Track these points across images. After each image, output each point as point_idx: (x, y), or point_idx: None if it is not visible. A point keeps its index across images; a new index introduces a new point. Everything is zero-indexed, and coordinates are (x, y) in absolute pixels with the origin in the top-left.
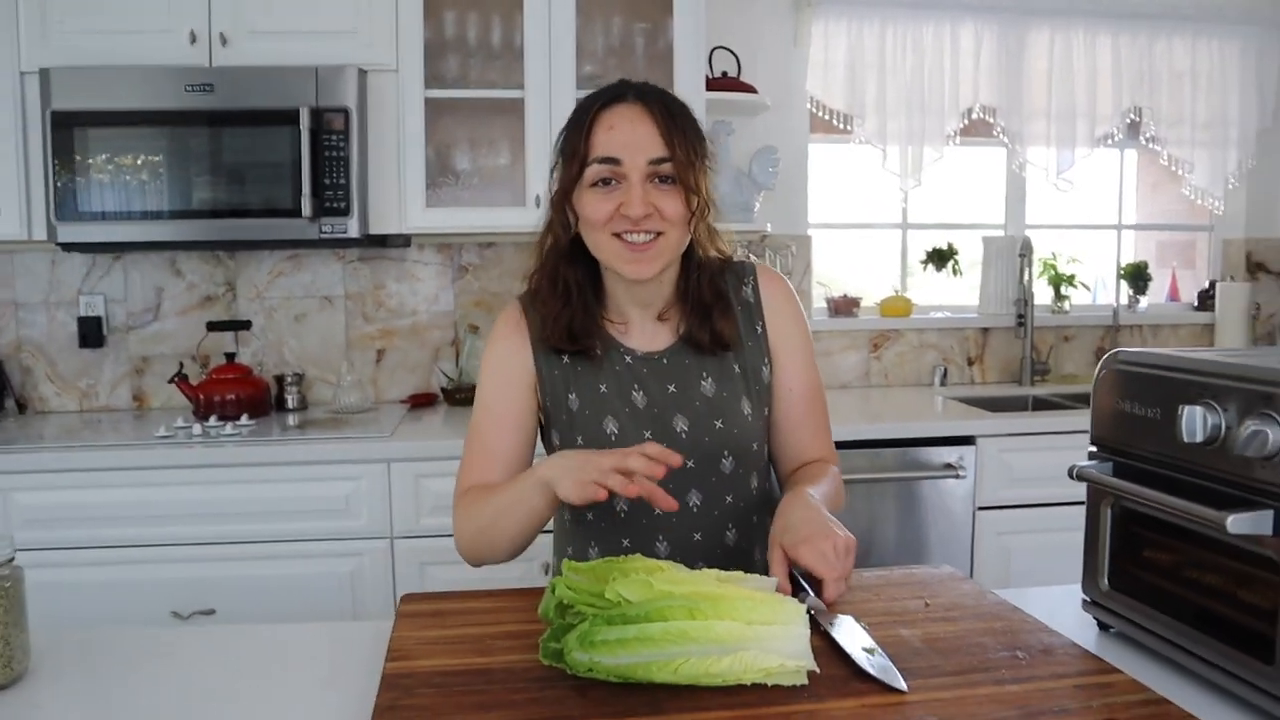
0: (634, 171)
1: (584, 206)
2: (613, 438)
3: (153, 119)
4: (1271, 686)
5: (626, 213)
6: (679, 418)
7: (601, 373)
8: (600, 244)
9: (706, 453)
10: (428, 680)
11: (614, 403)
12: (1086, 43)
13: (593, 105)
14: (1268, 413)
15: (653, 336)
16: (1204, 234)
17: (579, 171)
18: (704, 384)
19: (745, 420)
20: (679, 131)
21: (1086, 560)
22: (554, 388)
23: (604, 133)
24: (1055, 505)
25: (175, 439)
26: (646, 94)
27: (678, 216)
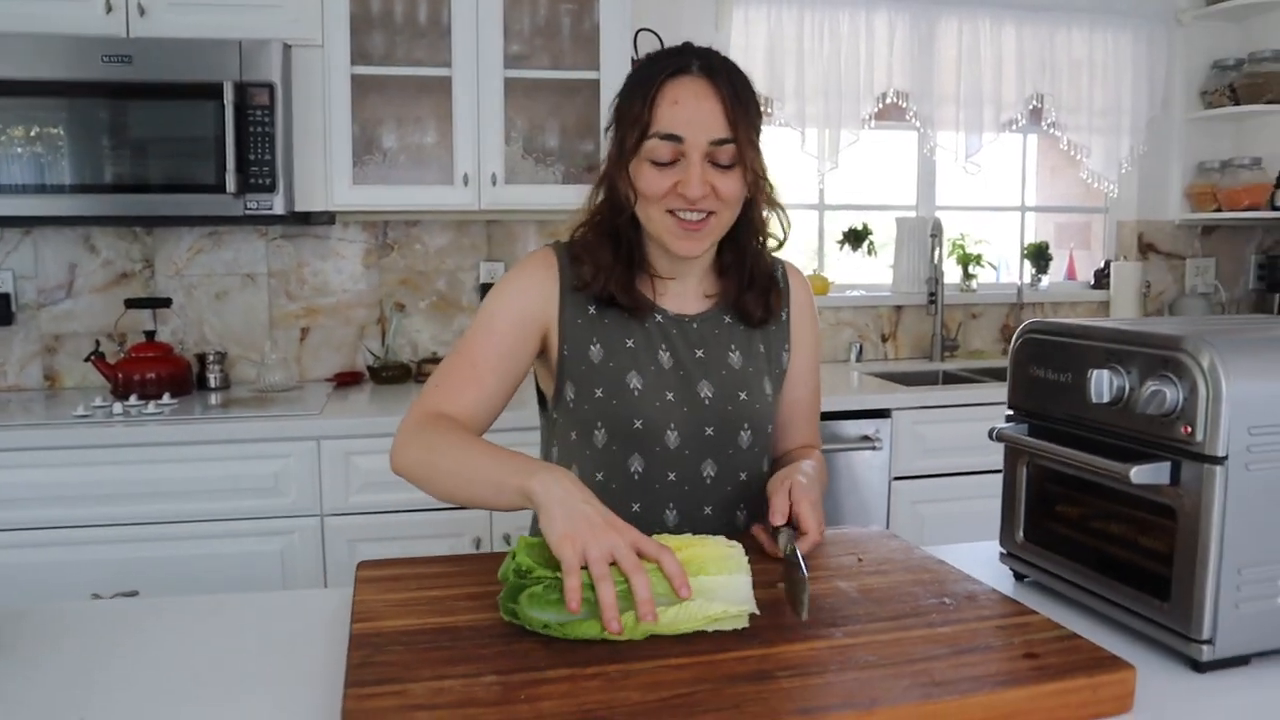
0: (695, 151)
1: (640, 178)
2: (635, 393)
3: (66, 90)
4: (1167, 620)
5: (684, 192)
6: (704, 383)
7: (630, 327)
8: (652, 217)
9: (727, 422)
10: (395, 639)
11: (640, 358)
12: (992, 32)
13: (659, 74)
14: (1166, 374)
15: (685, 300)
16: (1099, 216)
17: (638, 142)
18: (731, 355)
19: (766, 398)
20: (742, 111)
21: (1004, 516)
22: (576, 336)
23: (668, 107)
24: (965, 474)
25: (94, 418)
26: (713, 68)
27: (733, 197)
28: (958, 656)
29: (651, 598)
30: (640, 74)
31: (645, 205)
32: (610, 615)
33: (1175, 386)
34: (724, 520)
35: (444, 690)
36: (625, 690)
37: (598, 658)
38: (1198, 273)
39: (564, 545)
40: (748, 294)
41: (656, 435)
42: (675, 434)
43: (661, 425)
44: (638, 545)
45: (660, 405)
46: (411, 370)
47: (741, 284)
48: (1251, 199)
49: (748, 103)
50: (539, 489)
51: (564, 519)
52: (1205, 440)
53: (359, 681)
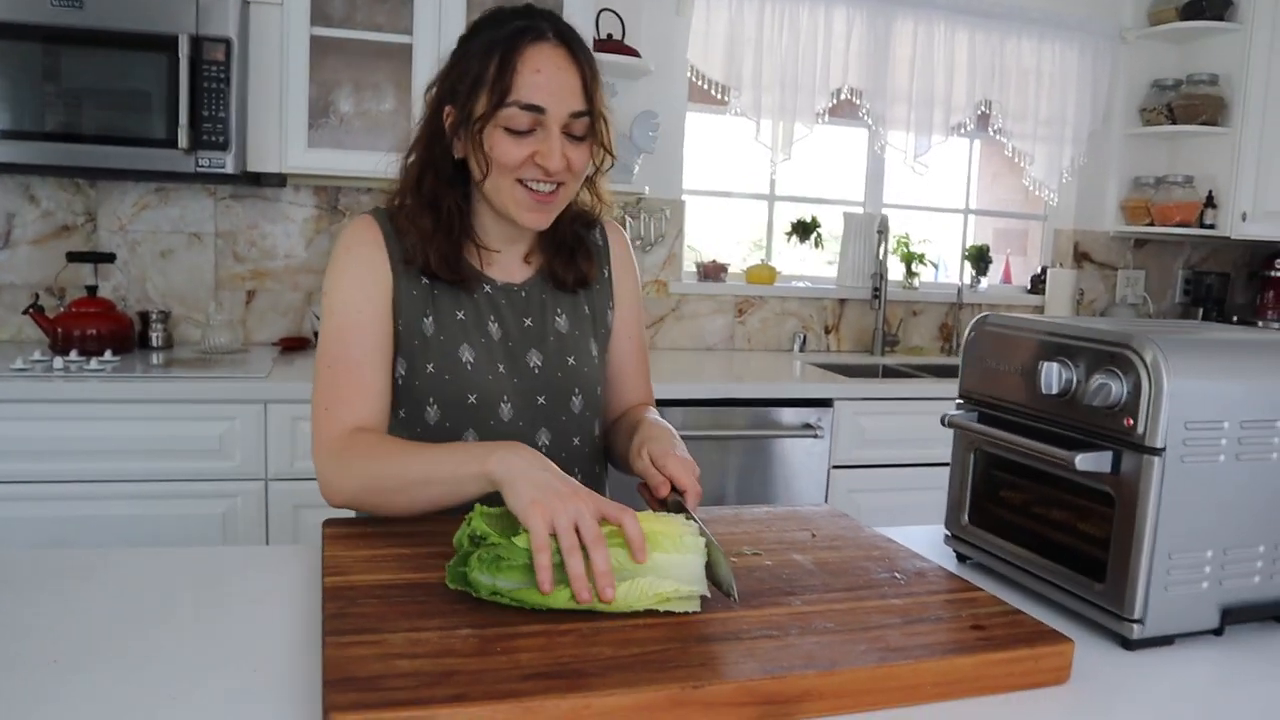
0: (555, 123)
1: (494, 147)
2: (468, 366)
3: (11, 32)
4: (1102, 601)
5: (544, 163)
6: (533, 352)
7: (460, 299)
8: (501, 187)
9: (558, 390)
10: (369, 593)
11: (470, 332)
12: (946, 35)
13: (517, 39)
14: (1112, 369)
15: (511, 269)
16: (1037, 223)
17: (494, 108)
18: (558, 320)
19: (593, 360)
20: (596, 83)
21: (950, 499)
22: (410, 308)
23: (530, 74)
24: (902, 466)
25: (33, 373)
26: (569, 37)
27: (582, 169)
28: (909, 626)
29: (610, 571)
30: (490, 34)
31: (496, 175)
32: (580, 586)
33: (1120, 381)
34: None
35: (421, 641)
36: (598, 646)
37: (570, 616)
38: (1128, 283)
39: (532, 513)
40: (556, 259)
41: (490, 408)
42: (509, 406)
43: (495, 398)
44: (601, 510)
45: (493, 378)
46: None
47: (552, 250)
48: (1182, 216)
49: (598, 75)
50: (498, 467)
51: (529, 488)
52: (1145, 432)
53: (337, 630)
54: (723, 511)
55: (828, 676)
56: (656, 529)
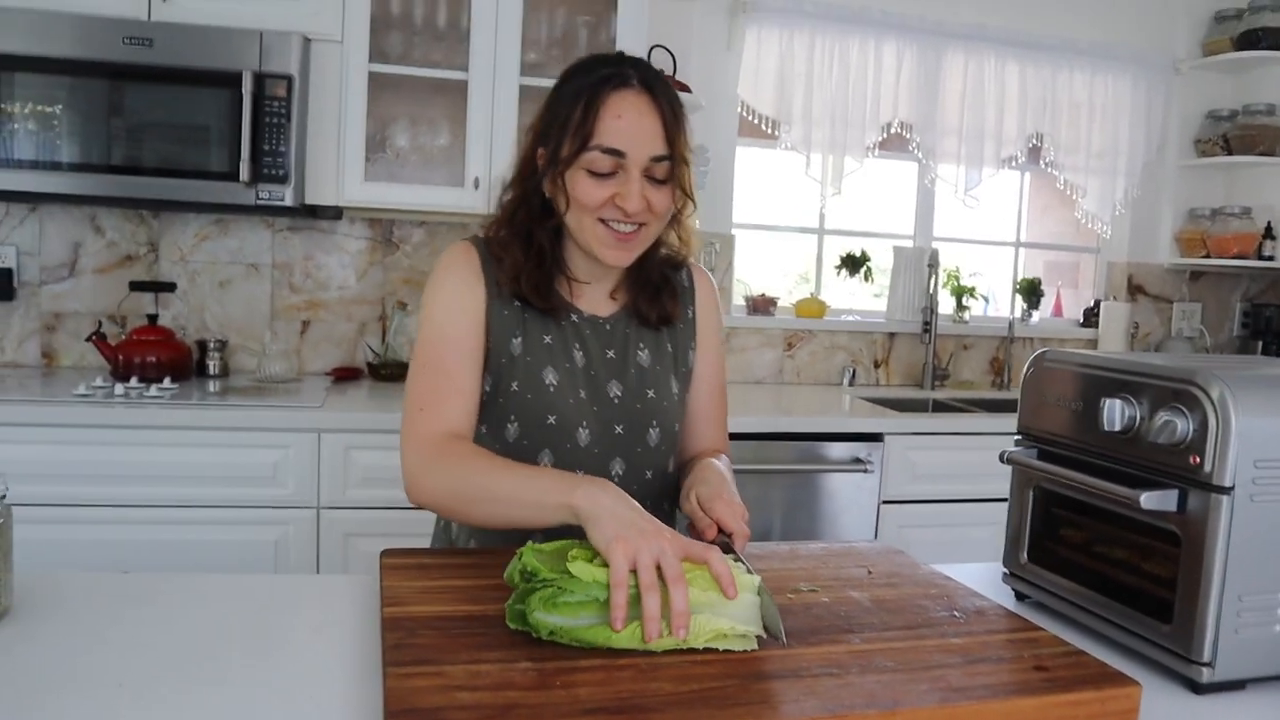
0: (635, 166)
1: (576, 187)
2: (550, 388)
3: (86, 69)
4: (1169, 643)
5: (623, 205)
6: (614, 382)
7: (548, 326)
8: (584, 225)
9: (636, 421)
10: (427, 624)
11: (556, 356)
12: (997, 69)
13: (602, 86)
14: (1178, 406)
15: (599, 303)
16: (1089, 256)
17: (577, 151)
18: (640, 354)
19: (672, 396)
20: (678, 128)
21: (1009, 537)
22: (501, 329)
23: (611, 120)
24: (953, 502)
25: (94, 398)
26: (653, 84)
27: (665, 211)
28: (971, 665)
29: (688, 610)
30: (579, 81)
31: (578, 213)
32: (652, 625)
33: (1186, 418)
34: None
35: (481, 674)
36: (657, 681)
37: (628, 651)
38: (1184, 316)
39: (614, 549)
40: (641, 296)
41: (568, 431)
42: (586, 431)
43: (574, 422)
44: (685, 549)
45: (574, 403)
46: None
47: (638, 286)
48: (1240, 247)
49: (682, 120)
50: (584, 502)
51: (614, 525)
52: (1213, 471)
53: (397, 661)
54: (778, 548)
55: (890, 717)
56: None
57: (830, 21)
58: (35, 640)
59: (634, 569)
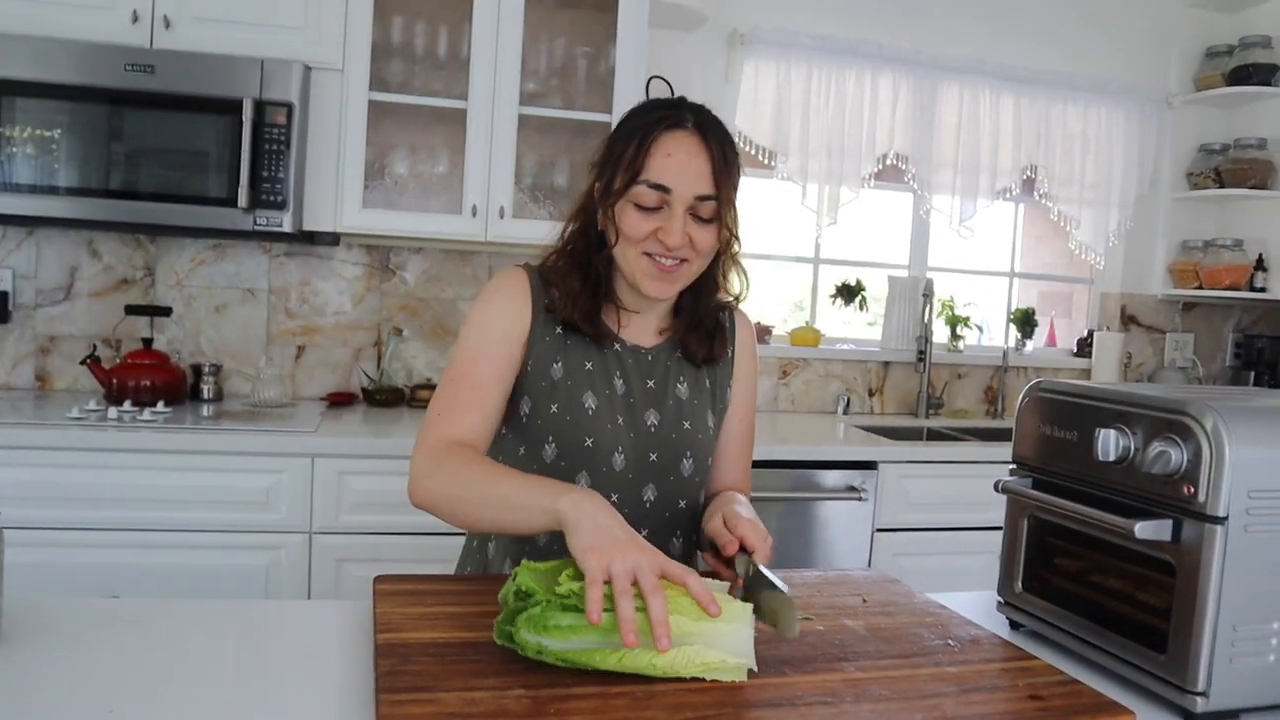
0: (679, 203)
1: (623, 220)
2: (589, 412)
3: (87, 95)
4: (1164, 673)
5: (664, 239)
6: (651, 411)
7: (590, 352)
8: (629, 257)
9: (671, 450)
10: (422, 650)
11: (596, 381)
12: (992, 101)
13: (656, 124)
14: (1171, 436)
15: (643, 333)
16: (1082, 286)
17: (626, 185)
18: (679, 387)
19: (708, 429)
20: (727, 171)
21: (1003, 566)
22: (541, 352)
23: (661, 158)
24: (947, 530)
25: (87, 421)
26: (705, 127)
27: (707, 250)
28: (966, 694)
29: (667, 620)
30: (636, 121)
31: (624, 244)
32: (628, 629)
33: (1180, 448)
34: (660, 544)
35: (475, 700)
36: (651, 710)
37: (623, 679)
38: (1177, 347)
39: (590, 557)
40: (692, 336)
41: (605, 456)
42: (622, 457)
43: (610, 447)
44: (662, 567)
45: (611, 428)
46: (405, 395)
47: (689, 325)
48: (1232, 279)
49: (732, 164)
50: (568, 507)
51: (592, 533)
52: (1207, 501)
53: (390, 689)
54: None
55: None
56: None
57: (827, 54)
58: (25, 665)
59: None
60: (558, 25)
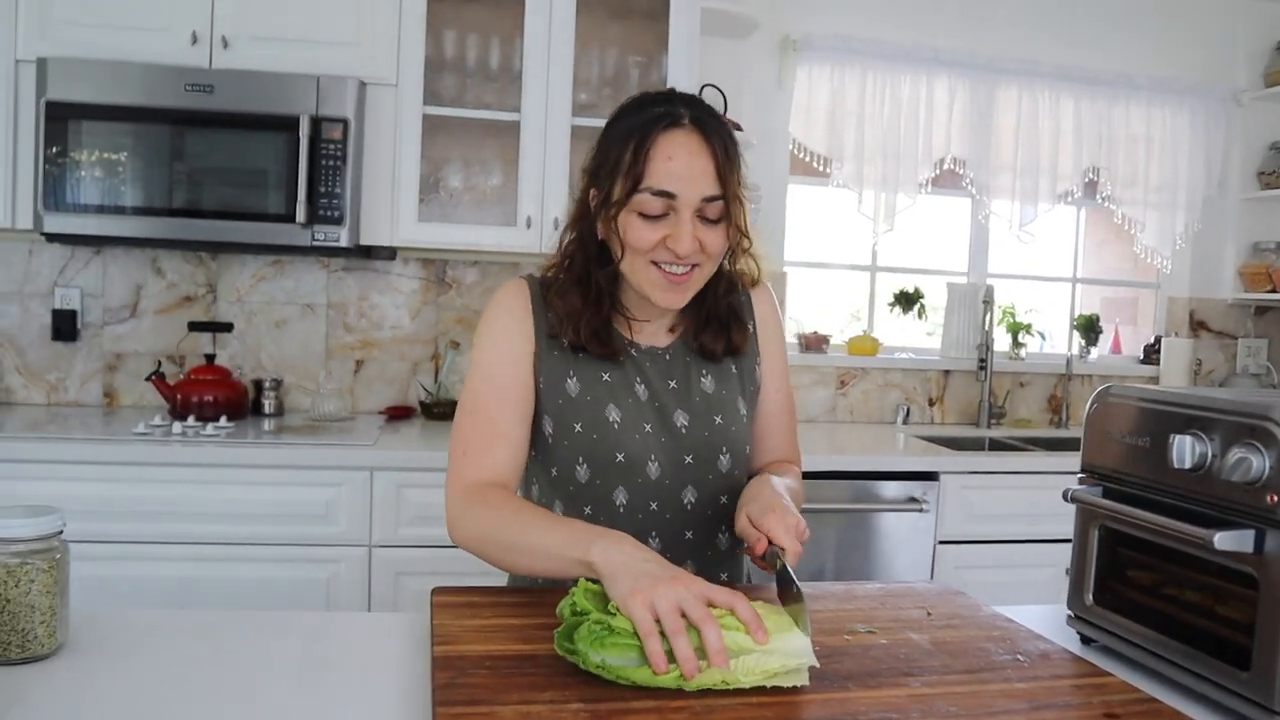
0: (686, 209)
1: (628, 231)
2: (615, 425)
3: (149, 116)
4: (1248, 691)
5: (674, 248)
6: (679, 412)
7: (605, 362)
8: (637, 268)
9: (706, 449)
10: (479, 663)
11: (617, 392)
12: (1051, 103)
13: (653, 126)
14: (1252, 442)
15: (656, 335)
16: (1146, 291)
17: (629, 194)
18: (703, 381)
19: (741, 419)
20: (731, 167)
21: (1073, 578)
22: (552, 369)
23: (662, 162)
24: (1011, 542)
25: (153, 437)
26: (704, 122)
27: (719, 251)
28: (1036, 712)
29: (724, 647)
30: (629, 121)
31: (631, 257)
32: (689, 666)
33: (1262, 455)
34: (706, 543)
35: (532, 715)
36: None
37: (682, 693)
38: (1250, 353)
39: (633, 603)
40: (706, 332)
41: (638, 467)
42: (656, 464)
43: (643, 457)
44: (707, 595)
45: (640, 437)
46: None
47: (700, 322)
48: None
49: (735, 158)
50: (599, 558)
51: (629, 579)
52: None
53: (447, 701)
54: (834, 588)
55: None
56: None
57: (881, 59)
58: (88, 675)
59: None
60: (609, 36)
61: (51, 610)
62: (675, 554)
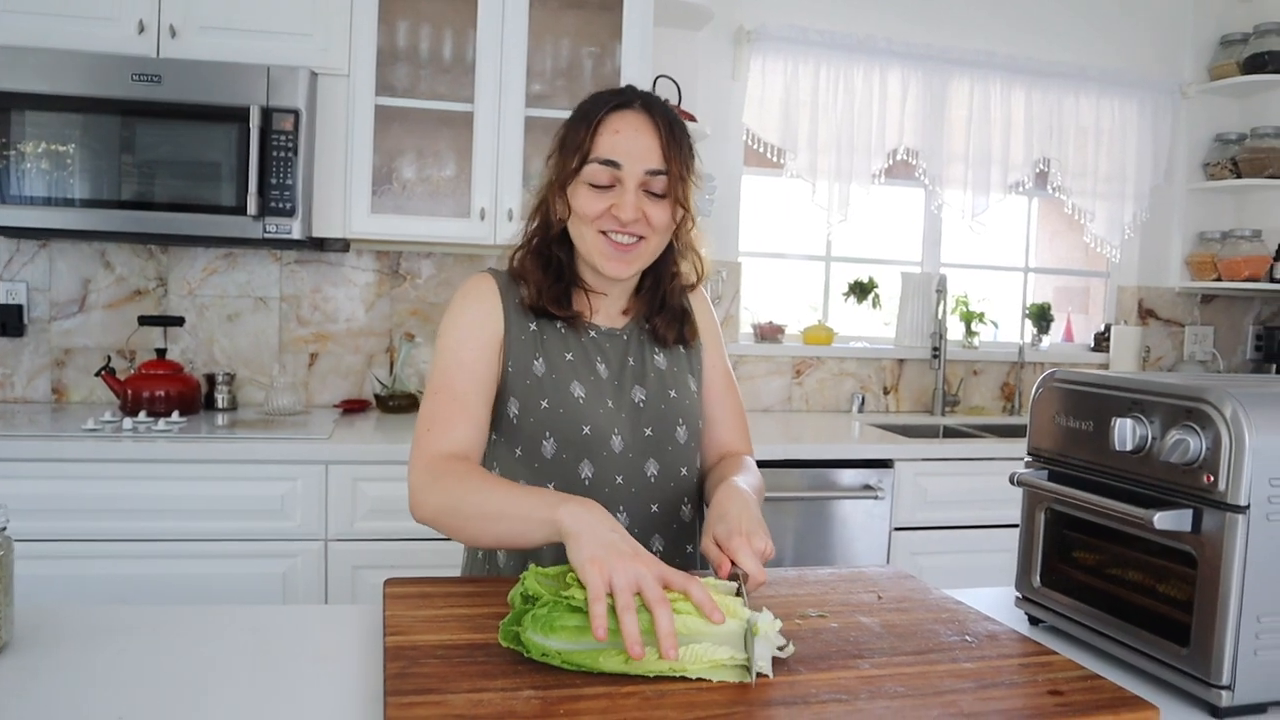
0: (630, 178)
1: (577, 200)
2: (580, 401)
3: (96, 106)
4: (1187, 666)
5: (618, 214)
6: (637, 388)
7: (568, 343)
8: (586, 237)
9: (664, 421)
10: (430, 653)
11: (580, 370)
12: (1002, 94)
13: (602, 107)
14: (1189, 424)
15: (613, 316)
16: (1097, 280)
17: (578, 167)
18: (656, 359)
19: (692, 394)
20: (676, 147)
21: (1020, 560)
22: (519, 352)
23: (609, 135)
24: (966, 528)
25: (103, 433)
26: (652, 105)
27: (663, 225)
28: (983, 690)
29: (674, 632)
30: (585, 107)
31: (579, 225)
32: (633, 645)
33: (1199, 436)
34: (670, 515)
35: (483, 702)
36: (662, 709)
37: (633, 679)
38: (1196, 340)
39: (590, 569)
40: (658, 318)
41: (602, 440)
42: (619, 438)
43: (606, 430)
44: (665, 576)
45: (604, 412)
46: (418, 400)
47: (653, 307)
48: (1251, 270)
49: (681, 140)
50: (567, 517)
51: (591, 544)
52: (1227, 489)
53: (399, 691)
54: (786, 573)
55: None
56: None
57: (835, 50)
58: (36, 674)
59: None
60: (562, 26)
61: None
62: (643, 529)
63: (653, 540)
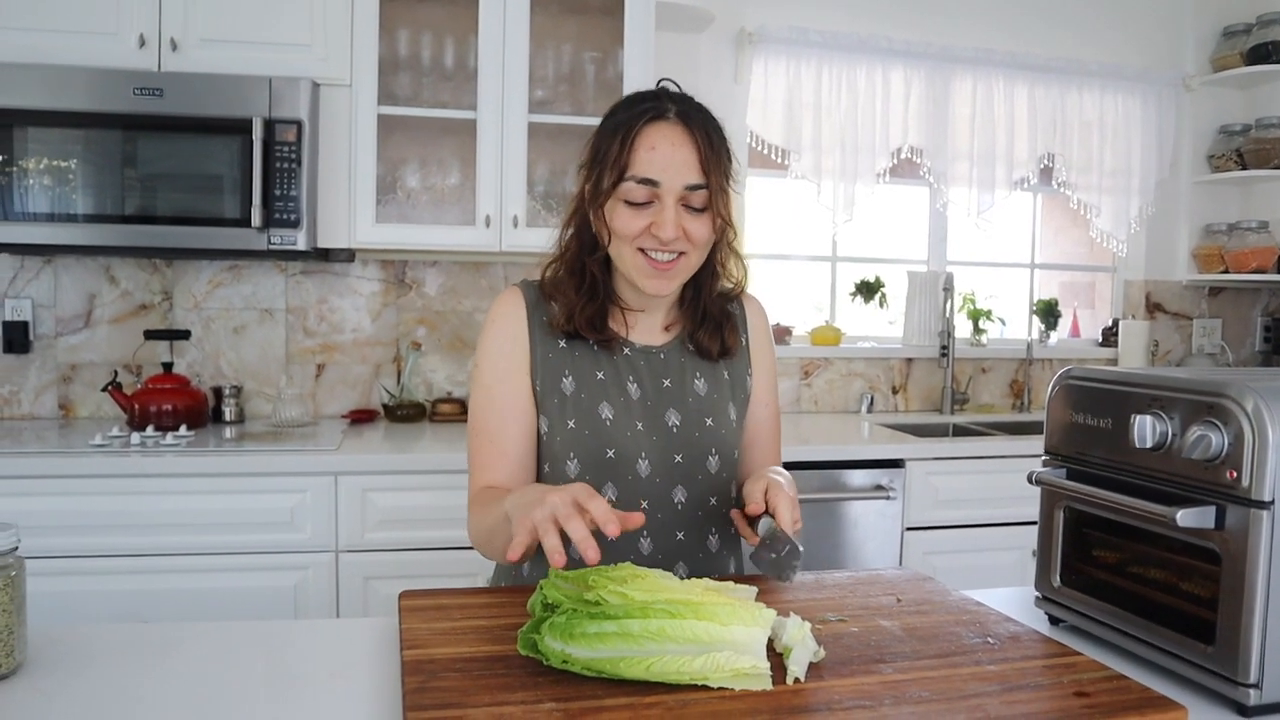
0: (669, 195)
1: (615, 219)
2: (607, 423)
3: (98, 121)
4: (1212, 664)
5: (657, 234)
6: (671, 411)
7: (600, 360)
8: (624, 255)
9: (696, 449)
10: (449, 666)
11: (610, 390)
12: (1006, 91)
13: (637, 119)
14: (1211, 420)
15: (651, 333)
16: (1104, 275)
17: (615, 183)
18: (696, 383)
19: (731, 424)
20: (715, 158)
21: (1040, 560)
22: (548, 371)
23: (645, 151)
24: (978, 527)
25: (111, 448)
26: (689, 115)
27: (703, 240)
28: (1009, 693)
29: (590, 535)
30: (618, 117)
31: (618, 244)
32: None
33: (1220, 432)
34: (696, 544)
35: (505, 715)
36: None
37: (656, 689)
38: (1204, 333)
39: (518, 529)
40: (701, 330)
41: (628, 464)
42: (646, 462)
43: (633, 454)
44: (575, 497)
45: (631, 435)
46: (426, 409)
47: (696, 320)
48: (1258, 262)
49: (720, 150)
50: (509, 506)
51: (518, 513)
52: (1251, 485)
53: (418, 706)
54: (803, 577)
55: None
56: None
57: (837, 50)
58: (51, 695)
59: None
60: (564, 31)
61: (9, 629)
62: (667, 555)
63: (677, 567)
